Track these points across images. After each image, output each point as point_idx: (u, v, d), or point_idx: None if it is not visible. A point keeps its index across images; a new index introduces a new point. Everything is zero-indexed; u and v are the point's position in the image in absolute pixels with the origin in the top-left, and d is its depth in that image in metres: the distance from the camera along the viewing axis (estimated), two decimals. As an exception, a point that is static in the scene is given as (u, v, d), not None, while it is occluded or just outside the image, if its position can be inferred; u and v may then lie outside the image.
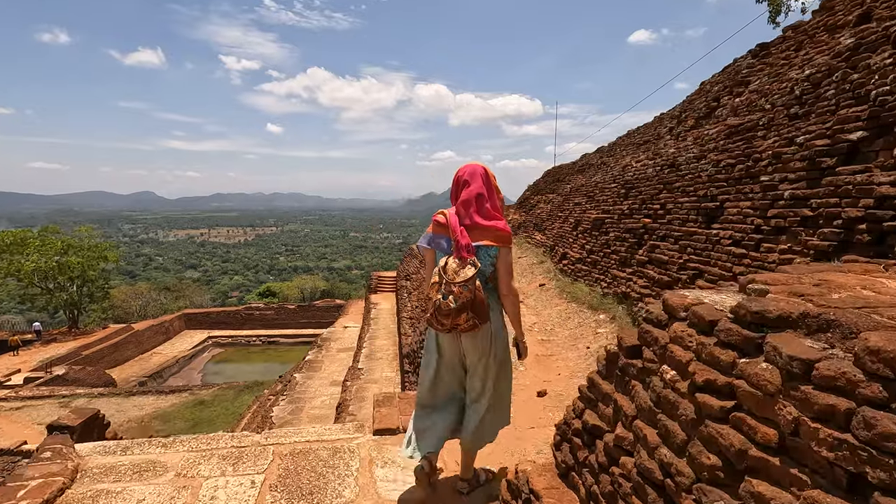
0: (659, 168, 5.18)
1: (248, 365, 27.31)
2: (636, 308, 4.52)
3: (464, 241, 1.99)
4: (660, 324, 1.49)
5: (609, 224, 6.11)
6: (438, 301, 1.94)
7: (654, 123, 8.02)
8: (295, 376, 13.62)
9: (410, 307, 13.49)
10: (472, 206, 2.06)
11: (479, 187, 2.09)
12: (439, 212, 2.12)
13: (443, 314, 1.94)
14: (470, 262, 1.95)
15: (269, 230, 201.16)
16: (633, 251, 5.15)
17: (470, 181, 2.10)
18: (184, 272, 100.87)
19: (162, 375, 23.88)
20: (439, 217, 2.10)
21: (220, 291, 75.44)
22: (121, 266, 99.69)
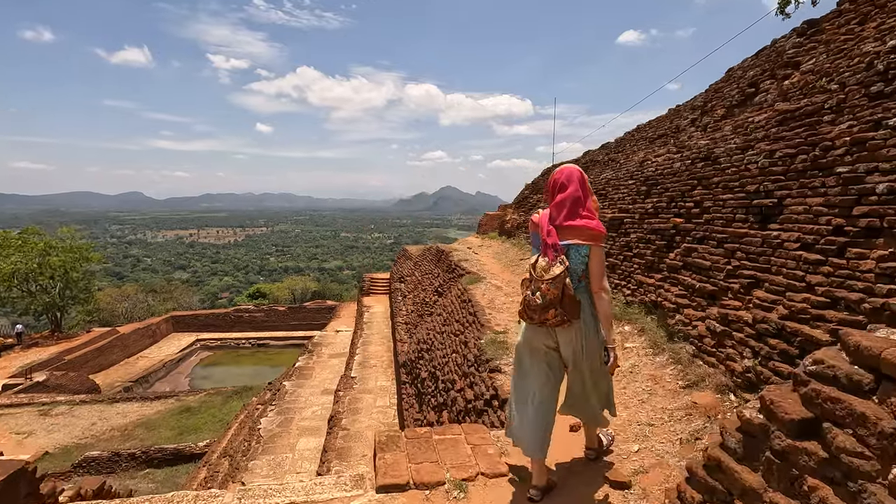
0: (690, 162, 4.63)
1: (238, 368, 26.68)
2: (671, 321, 3.96)
3: (550, 240, 2.11)
4: (853, 385, 0.87)
5: (629, 224, 5.55)
6: (528, 296, 2.09)
7: (669, 116, 7.48)
8: (284, 384, 12.97)
9: (406, 311, 12.87)
10: (565, 208, 2.15)
11: (575, 190, 2.17)
12: (536, 211, 2.27)
13: (531, 309, 2.08)
14: (559, 261, 2.07)
15: (259, 230, 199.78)
16: (661, 254, 4.59)
17: (567, 184, 2.18)
18: (172, 273, 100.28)
19: (148, 380, 23.13)
20: (534, 216, 2.25)
21: (209, 293, 74.86)
22: (108, 267, 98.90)
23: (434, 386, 6.31)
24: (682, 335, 3.73)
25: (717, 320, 3.34)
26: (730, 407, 2.78)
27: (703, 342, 3.41)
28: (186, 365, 26.12)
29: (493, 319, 5.53)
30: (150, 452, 14.42)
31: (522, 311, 2.18)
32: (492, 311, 6.03)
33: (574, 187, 2.19)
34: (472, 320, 5.87)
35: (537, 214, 2.27)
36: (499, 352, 4.28)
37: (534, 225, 2.27)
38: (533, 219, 2.29)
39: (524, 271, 2.22)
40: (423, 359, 7.54)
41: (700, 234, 4.04)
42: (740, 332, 3.08)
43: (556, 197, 2.21)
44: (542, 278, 2.05)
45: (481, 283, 7.81)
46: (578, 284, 2.14)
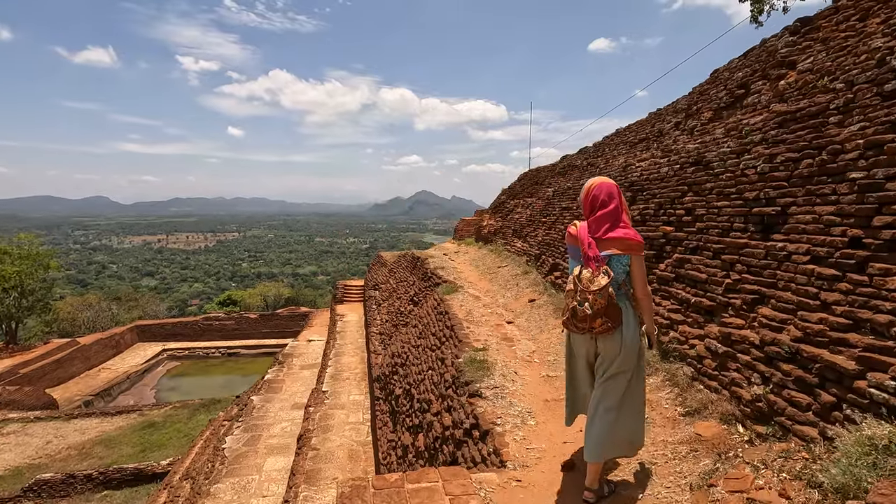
0: (678, 167, 4.37)
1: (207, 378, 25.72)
2: (665, 338, 3.66)
3: (591, 252, 2.21)
4: None
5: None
6: (575, 307, 2.16)
7: (650, 120, 7.28)
8: (252, 399, 12.34)
9: (380, 321, 12.42)
10: (606, 221, 2.24)
11: (616, 205, 2.28)
12: (573, 223, 2.36)
13: (579, 319, 2.16)
14: (602, 272, 2.16)
15: (230, 236, 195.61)
16: (651, 265, 4.31)
17: (608, 201, 2.28)
18: (140, 280, 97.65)
19: (111, 393, 22.01)
20: (572, 228, 2.34)
21: (178, 299, 72.88)
22: (71, 275, 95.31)
23: (409, 405, 5.91)
24: (677, 354, 3.44)
25: (719, 340, 3.04)
26: (740, 441, 2.47)
27: (703, 364, 3.11)
28: (152, 376, 25.01)
29: (471, 334, 5.17)
30: (108, 473, 13.58)
31: (568, 322, 2.26)
32: (470, 324, 5.68)
33: (615, 203, 2.30)
34: (450, 335, 5.51)
35: (574, 227, 2.37)
36: (479, 373, 3.92)
37: (572, 238, 2.37)
38: (571, 231, 2.38)
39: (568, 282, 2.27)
40: (397, 374, 7.13)
41: (693, 244, 3.77)
42: (746, 355, 2.79)
43: (598, 212, 2.30)
44: (589, 289, 2.14)
45: (458, 293, 7.45)
46: (619, 292, 2.24)
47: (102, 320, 32.99)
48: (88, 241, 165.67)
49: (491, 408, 3.34)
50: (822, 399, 2.21)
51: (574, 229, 2.36)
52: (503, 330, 5.44)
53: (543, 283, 7.00)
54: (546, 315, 5.80)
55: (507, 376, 3.88)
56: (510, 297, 7.18)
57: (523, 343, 4.94)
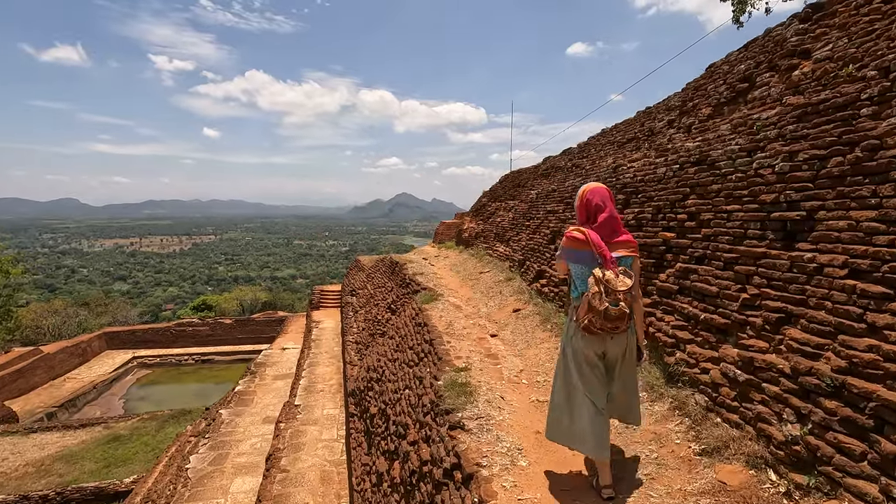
0: (678, 167, 3.98)
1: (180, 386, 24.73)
2: (670, 358, 3.25)
3: (609, 255, 2.32)
4: None
5: (606, 238, 4.87)
6: (608, 308, 2.18)
7: (639, 119, 6.93)
8: (221, 413, 11.65)
9: (357, 329, 11.87)
10: (612, 225, 2.42)
11: (612, 208, 2.45)
12: (575, 229, 2.43)
13: (612, 319, 2.20)
14: (622, 273, 2.28)
15: (207, 238, 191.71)
16: (650, 275, 3.91)
17: (604, 204, 2.44)
18: (112, 284, 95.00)
19: (76, 404, 20.85)
20: (577, 234, 2.40)
21: (152, 304, 70.90)
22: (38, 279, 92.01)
23: (385, 426, 5.41)
24: (687, 379, 3.02)
25: (738, 365, 2.64)
26: (775, 493, 2.05)
27: (720, 392, 2.70)
28: (121, 385, 23.86)
29: (452, 350, 4.70)
30: (66, 493, 12.75)
31: (594, 324, 2.25)
32: (451, 338, 5.21)
33: (611, 206, 2.44)
34: (429, 350, 5.03)
35: (580, 232, 2.40)
36: (461, 399, 3.45)
37: (579, 242, 2.39)
38: (577, 236, 2.39)
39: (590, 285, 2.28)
40: (372, 389, 6.62)
41: (700, 253, 3.37)
42: (773, 385, 2.38)
43: (599, 217, 2.41)
44: (618, 289, 2.20)
45: (438, 302, 6.98)
46: None
47: (69, 327, 31.58)
48: (57, 245, 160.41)
49: (475, 443, 2.88)
50: (883, 448, 1.80)
51: (580, 234, 2.39)
52: (487, 345, 4.99)
53: (528, 291, 6.58)
54: (533, 327, 5.37)
55: (492, 402, 3.42)
56: (493, 307, 6.74)
57: (509, 360, 4.49)
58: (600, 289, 2.22)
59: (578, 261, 2.40)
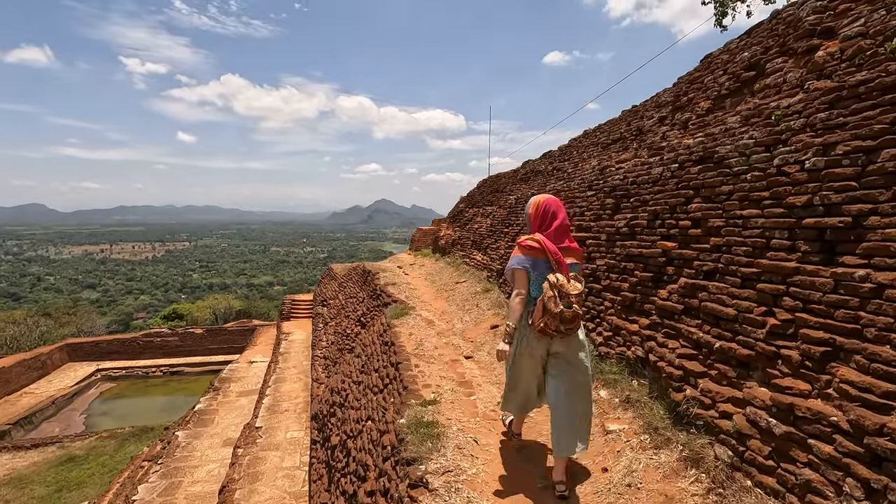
0: (677, 166, 3.45)
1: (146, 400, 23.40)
2: (677, 394, 2.68)
3: (564, 260, 2.50)
4: None
5: (593, 247, 4.32)
6: (562, 311, 2.32)
7: (624, 118, 6.45)
8: (177, 435, 10.75)
9: (326, 342, 11.13)
10: (563, 234, 2.60)
11: (564, 217, 2.64)
12: (530, 238, 2.58)
13: (567, 321, 2.35)
14: (574, 278, 2.46)
15: (180, 245, 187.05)
16: (647, 290, 3.36)
17: (558, 213, 2.62)
18: (80, 292, 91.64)
19: (32, 421, 19.37)
20: (532, 242, 2.54)
21: (123, 313, 68.42)
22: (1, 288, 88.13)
23: (345, 461, 4.75)
24: (702, 424, 2.45)
25: (771, 411, 2.08)
26: None
27: (748, 446, 2.13)
28: (83, 400, 22.39)
29: (420, 377, 4.08)
30: (7, 525, 11.67)
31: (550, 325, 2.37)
32: (420, 360, 4.58)
33: (563, 214, 2.64)
34: (395, 375, 4.39)
35: (534, 241, 2.54)
36: (426, 446, 2.82)
37: (534, 250, 2.52)
38: (532, 245, 2.53)
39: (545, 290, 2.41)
40: (335, 416, 5.94)
41: (709, 266, 2.82)
42: (826, 443, 1.82)
43: (553, 225, 2.59)
44: (571, 293, 2.35)
45: (409, 316, 6.35)
46: None
47: (29, 339, 29.88)
48: (22, 252, 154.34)
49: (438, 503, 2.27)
50: None
51: (535, 242, 2.53)
52: (460, 369, 4.38)
53: (507, 305, 5.99)
54: (512, 347, 4.79)
55: (463, 449, 2.80)
56: (469, 322, 6.14)
57: (485, 389, 3.88)
58: (555, 293, 2.35)
59: (534, 267, 2.52)
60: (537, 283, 2.51)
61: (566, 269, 2.47)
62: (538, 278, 2.50)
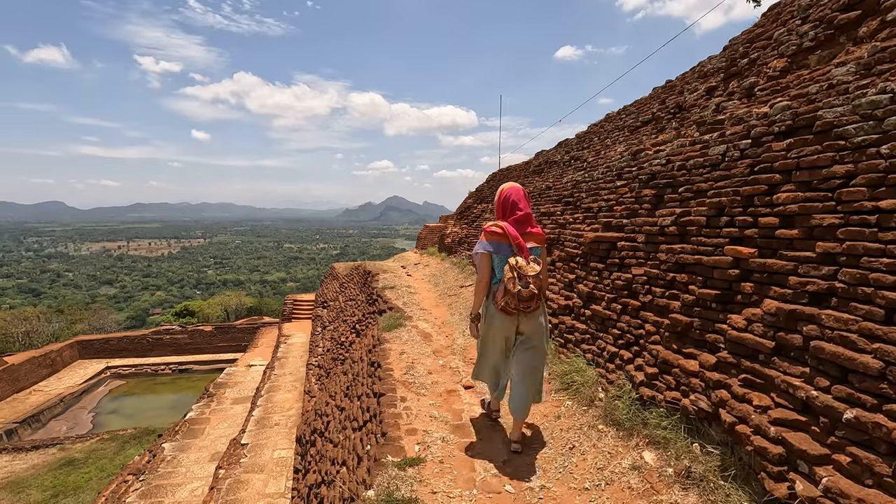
0: (749, 143, 2.48)
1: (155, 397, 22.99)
2: (781, 489, 1.73)
3: (525, 245, 2.69)
4: None
5: (628, 252, 3.36)
6: (520, 290, 2.52)
7: (657, 96, 5.46)
8: (163, 447, 10.01)
9: (322, 349, 10.29)
10: (526, 221, 2.76)
11: (527, 205, 2.81)
12: (494, 224, 2.76)
13: (524, 300, 2.55)
14: (534, 261, 2.66)
15: (196, 242, 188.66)
16: (711, 315, 2.41)
17: (519, 202, 2.78)
18: (98, 288, 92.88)
19: (40, 419, 18.92)
20: (495, 228, 2.72)
21: (140, 309, 69.08)
22: (22, 284, 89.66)
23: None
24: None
25: None
26: None
27: None
28: (91, 397, 21.94)
29: (405, 416, 3.18)
30: (-1, 533, 11.06)
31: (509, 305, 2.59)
32: (408, 389, 3.68)
33: (526, 203, 2.82)
34: (375, 411, 3.49)
35: (498, 227, 2.72)
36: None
37: (498, 236, 2.71)
38: (496, 230, 2.72)
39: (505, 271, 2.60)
40: (315, 446, 5.07)
41: (821, 286, 1.86)
42: None
43: (517, 213, 2.77)
44: (528, 274, 2.55)
45: (404, 329, 5.44)
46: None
47: (41, 336, 29.66)
48: (42, 249, 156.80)
49: None
50: None
51: (499, 228, 2.71)
52: (457, 404, 3.46)
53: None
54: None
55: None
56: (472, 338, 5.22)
57: (487, 438, 2.95)
58: (514, 275, 2.56)
59: (498, 251, 2.70)
60: (500, 265, 2.70)
61: (527, 253, 2.65)
62: (501, 262, 2.68)
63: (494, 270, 2.73)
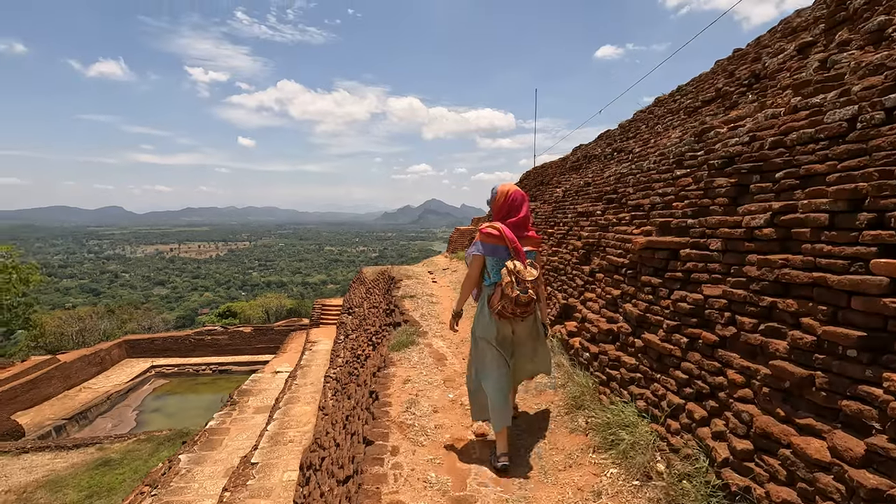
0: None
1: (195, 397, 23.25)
2: None
3: (521, 248, 2.59)
4: None
5: (695, 262, 2.44)
6: (518, 295, 2.44)
7: (722, 69, 4.47)
8: (180, 458, 9.60)
9: (342, 359, 9.63)
10: (524, 224, 2.68)
11: (528, 208, 2.72)
12: (489, 226, 2.62)
13: (522, 304, 2.47)
14: (530, 265, 2.58)
15: (241, 245, 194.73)
16: (846, 366, 1.49)
17: (521, 204, 2.69)
18: (151, 288, 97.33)
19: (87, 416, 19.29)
20: (492, 230, 2.59)
21: (189, 308, 71.80)
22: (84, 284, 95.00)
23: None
24: None
25: None
26: None
27: None
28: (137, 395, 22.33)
29: (389, 483, 2.37)
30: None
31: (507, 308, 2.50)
32: (404, 435, 2.88)
33: (527, 205, 2.73)
34: (359, 465, 2.71)
35: (494, 229, 2.59)
36: None
37: (494, 238, 2.59)
38: (493, 233, 2.59)
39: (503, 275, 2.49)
40: (309, 483, 4.34)
41: None
42: None
43: (515, 215, 2.67)
44: (527, 279, 2.47)
45: (415, 348, 4.65)
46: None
47: (92, 335, 30.71)
48: (103, 251, 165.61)
49: None
50: None
51: (496, 231, 2.59)
52: (462, 463, 2.63)
53: (549, 333, 4.19)
54: (554, 419, 2.99)
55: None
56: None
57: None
58: (512, 279, 2.46)
59: (493, 254, 2.60)
60: (497, 268, 2.59)
61: (523, 257, 2.57)
62: (497, 264, 2.59)
63: (489, 273, 2.64)
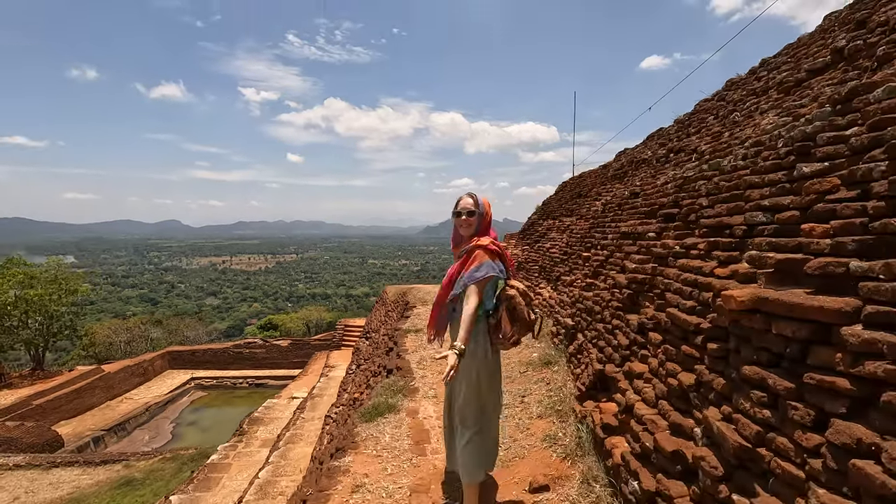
0: None
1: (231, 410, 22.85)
2: None
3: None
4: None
5: (874, 359, 1.08)
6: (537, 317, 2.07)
7: (833, 26, 3.06)
8: (171, 500, 8.67)
9: (348, 394, 8.47)
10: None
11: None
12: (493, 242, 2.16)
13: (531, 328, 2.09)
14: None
15: (289, 258, 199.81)
16: None
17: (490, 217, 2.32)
18: (204, 299, 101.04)
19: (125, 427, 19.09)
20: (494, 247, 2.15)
21: (238, 318, 73.90)
22: (143, 293, 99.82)
23: None
24: None
25: None
26: None
27: None
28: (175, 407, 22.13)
29: None
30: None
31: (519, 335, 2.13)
32: None
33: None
34: None
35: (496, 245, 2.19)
36: None
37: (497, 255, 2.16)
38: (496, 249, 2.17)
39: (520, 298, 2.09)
40: None
41: None
42: None
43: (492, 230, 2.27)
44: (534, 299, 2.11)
45: (391, 418, 3.41)
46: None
47: (138, 345, 31.23)
48: (161, 262, 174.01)
49: None
50: None
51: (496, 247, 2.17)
52: None
53: (575, 420, 2.82)
54: None
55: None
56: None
57: None
58: (526, 301, 2.07)
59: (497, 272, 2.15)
60: (492, 291, 2.17)
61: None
62: (492, 286, 2.17)
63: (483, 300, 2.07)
